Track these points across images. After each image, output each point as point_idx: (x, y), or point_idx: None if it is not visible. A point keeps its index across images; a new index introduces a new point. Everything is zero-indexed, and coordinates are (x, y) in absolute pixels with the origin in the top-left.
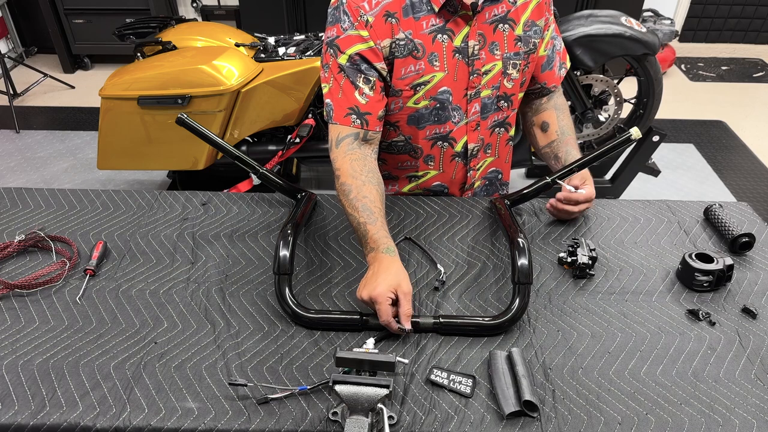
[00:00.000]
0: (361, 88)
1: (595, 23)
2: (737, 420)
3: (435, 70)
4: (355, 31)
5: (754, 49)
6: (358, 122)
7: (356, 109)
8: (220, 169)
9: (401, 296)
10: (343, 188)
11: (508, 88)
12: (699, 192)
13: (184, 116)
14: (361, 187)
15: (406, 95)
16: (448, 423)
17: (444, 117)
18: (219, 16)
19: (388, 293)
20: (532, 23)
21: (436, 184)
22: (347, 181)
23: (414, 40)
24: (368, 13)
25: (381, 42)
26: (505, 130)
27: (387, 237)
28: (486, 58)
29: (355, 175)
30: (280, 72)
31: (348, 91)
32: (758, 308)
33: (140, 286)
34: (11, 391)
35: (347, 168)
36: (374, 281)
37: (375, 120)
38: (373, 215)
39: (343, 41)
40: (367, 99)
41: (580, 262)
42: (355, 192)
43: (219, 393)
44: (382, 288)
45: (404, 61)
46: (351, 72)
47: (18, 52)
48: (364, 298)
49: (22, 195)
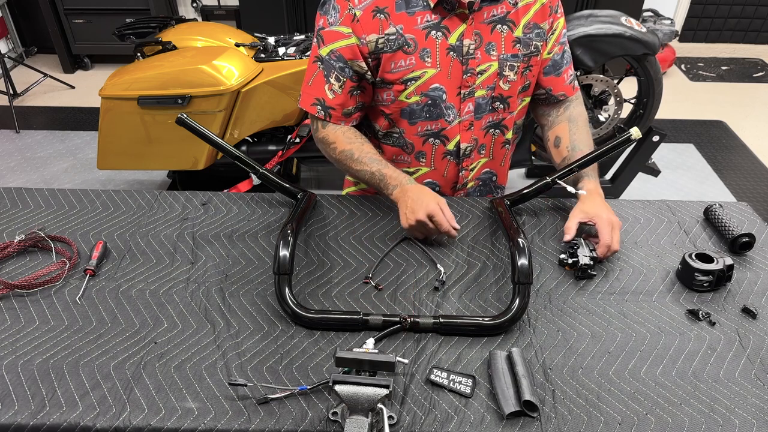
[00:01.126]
0: (331, 84)
1: (595, 23)
2: (737, 420)
3: (426, 66)
4: (339, 27)
5: (754, 49)
6: (321, 113)
7: (322, 101)
8: (220, 169)
9: (444, 207)
10: (345, 153)
11: (504, 89)
12: (699, 192)
13: (184, 116)
14: (362, 147)
15: (397, 89)
16: (448, 423)
17: (436, 114)
18: (219, 16)
19: (438, 206)
20: (535, 25)
21: (428, 182)
22: (346, 147)
23: (405, 35)
24: (357, 6)
25: (366, 37)
26: (500, 132)
27: (404, 174)
28: (481, 57)
29: (352, 141)
30: (280, 72)
31: (318, 83)
32: (758, 308)
33: (140, 286)
34: (11, 391)
35: (341, 137)
36: (421, 201)
37: (339, 116)
38: (382, 162)
39: (327, 34)
40: (334, 95)
41: (581, 264)
42: (358, 152)
43: (219, 393)
44: (433, 204)
45: (393, 56)
46: (327, 66)
47: (18, 52)
48: (420, 218)
49: (22, 195)
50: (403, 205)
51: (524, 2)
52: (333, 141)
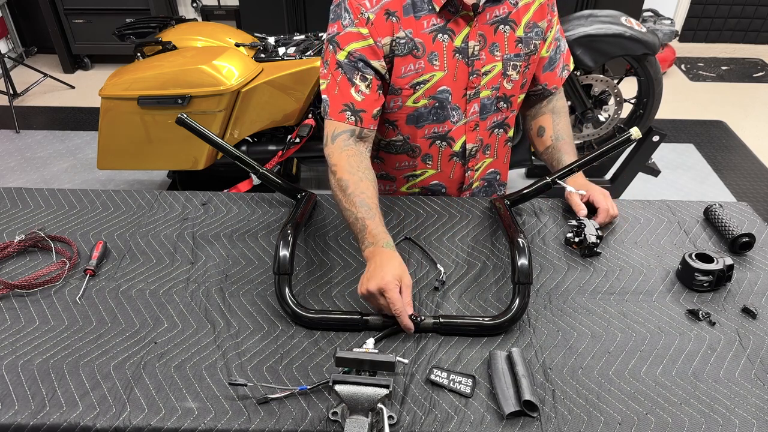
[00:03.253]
0: (357, 86)
1: (595, 23)
2: (737, 420)
3: (435, 69)
4: (355, 28)
5: (754, 49)
6: (352, 119)
7: (351, 105)
8: (220, 169)
9: (404, 288)
10: (341, 183)
11: (507, 89)
12: (699, 192)
13: (184, 116)
14: (359, 183)
15: (406, 94)
16: (448, 423)
17: (443, 116)
18: (219, 16)
19: (395, 282)
20: (534, 24)
21: (434, 183)
22: (344, 176)
23: (414, 39)
24: (369, 10)
25: (382, 39)
26: (504, 131)
27: (386, 233)
28: (486, 58)
29: (352, 171)
30: (280, 72)
31: (344, 88)
32: (758, 308)
33: (140, 286)
34: (11, 391)
35: (344, 164)
36: (380, 272)
37: (369, 118)
38: (371, 211)
39: (343, 38)
40: (362, 96)
41: (589, 242)
42: (352, 187)
43: (219, 393)
44: (390, 277)
45: (404, 59)
46: (348, 69)
47: (18, 52)
48: (371, 290)
49: (22, 195)
50: (367, 267)
51: (524, 2)
52: (335, 164)
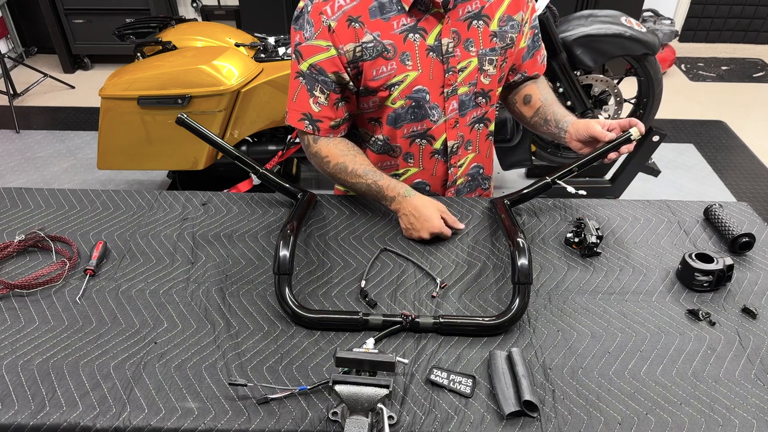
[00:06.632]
0: (316, 97)
1: (595, 23)
2: (737, 420)
3: (408, 69)
4: (316, 41)
5: (754, 49)
6: (310, 128)
7: (309, 115)
8: (220, 169)
9: (445, 215)
10: (339, 167)
11: (485, 84)
12: (699, 192)
13: (184, 116)
14: (354, 159)
15: (382, 95)
16: (448, 423)
17: (421, 115)
18: (219, 16)
19: (439, 220)
20: (509, 18)
21: (418, 181)
22: (339, 160)
23: (383, 41)
24: (330, 18)
25: (344, 47)
26: (484, 125)
27: (399, 183)
28: (461, 55)
29: (344, 153)
30: (280, 72)
31: (303, 98)
32: (758, 308)
33: (140, 286)
34: (11, 391)
35: (334, 150)
36: (424, 218)
37: (327, 128)
38: (377, 173)
39: (305, 49)
40: (320, 108)
41: (589, 242)
42: (351, 165)
43: (219, 393)
44: (435, 221)
45: (373, 63)
46: (309, 80)
47: (18, 52)
48: (425, 237)
49: (22, 195)
50: (405, 220)
51: None
52: (326, 155)
